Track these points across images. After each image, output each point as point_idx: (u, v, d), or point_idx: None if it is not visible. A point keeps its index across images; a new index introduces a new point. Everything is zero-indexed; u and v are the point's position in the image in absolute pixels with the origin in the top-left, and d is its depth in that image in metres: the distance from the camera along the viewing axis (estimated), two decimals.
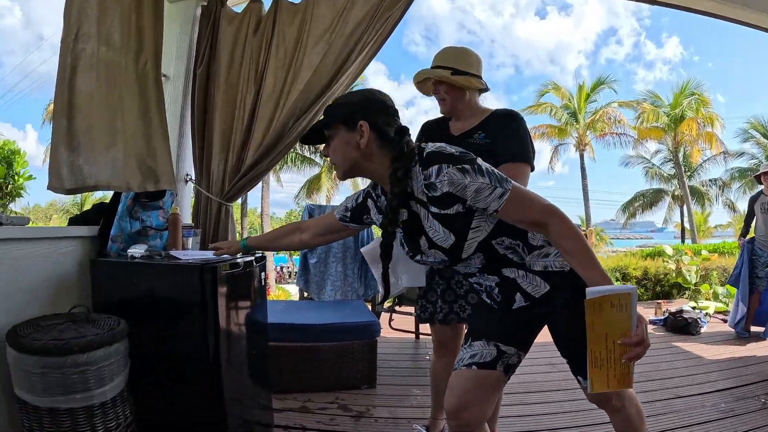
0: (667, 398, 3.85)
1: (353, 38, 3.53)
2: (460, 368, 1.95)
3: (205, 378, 2.40)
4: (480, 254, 1.83)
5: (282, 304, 5.16)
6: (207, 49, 3.71)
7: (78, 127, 2.57)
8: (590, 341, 1.54)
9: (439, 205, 1.71)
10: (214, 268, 2.37)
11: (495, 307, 1.98)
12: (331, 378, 3.91)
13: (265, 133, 3.58)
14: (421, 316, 2.79)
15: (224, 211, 3.64)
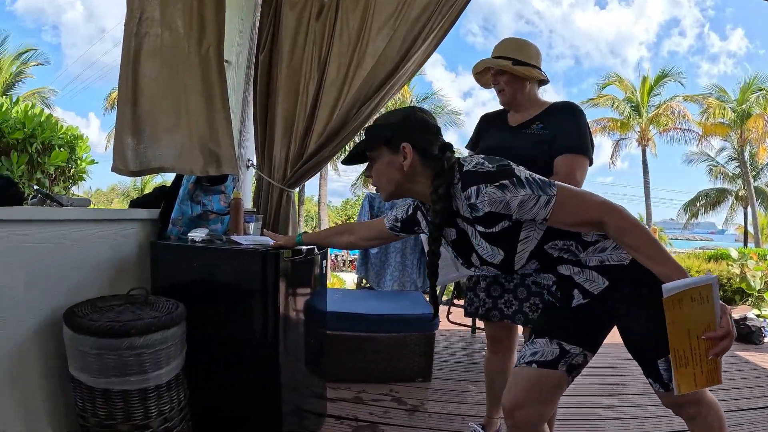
0: (727, 410, 3.62)
1: (418, 24, 3.45)
2: (520, 365, 1.87)
3: (262, 364, 2.38)
4: (534, 260, 1.80)
5: (340, 292, 5.13)
6: (269, 35, 3.69)
7: (141, 111, 2.58)
8: (672, 340, 1.49)
9: (483, 224, 1.70)
10: (276, 255, 2.34)
11: (558, 305, 1.92)
12: (386, 369, 3.88)
13: (328, 120, 3.55)
14: (468, 310, 2.76)
15: (285, 197, 3.63)
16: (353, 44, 3.59)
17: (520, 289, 2.55)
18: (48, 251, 2.17)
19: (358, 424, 3.18)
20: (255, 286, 2.34)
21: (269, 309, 2.34)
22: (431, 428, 3.18)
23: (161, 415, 2.11)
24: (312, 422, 2.99)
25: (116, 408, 2.01)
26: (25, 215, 2.06)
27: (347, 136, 3.57)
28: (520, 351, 1.93)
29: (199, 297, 2.45)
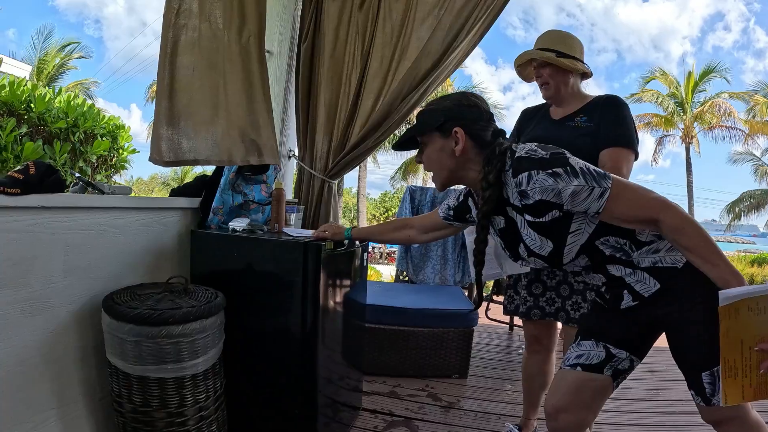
0: None
1: (463, 14, 3.38)
2: (564, 368, 1.84)
3: (300, 356, 2.38)
4: (584, 256, 1.73)
5: (378, 285, 5.12)
6: (311, 24, 3.67)
7: (179, 102, 2.58)
8: (723, 349, 1.40)
9: (533, 213, 1.64)
10: (318, 246, 2.34)
11: (606, 307, 1.85)
12: (422, 364, 3.86)
13: (371, 110, 3.53)
14: (507, 308, 2.73)
15: (327, 188, 3.62)
16: (396, 35, 3.55)
17: (563, 287, 2.52)
18: (89, 238, 2.18)
19: (392, 419, 3.17)
20: (295, 277, 2.33)
21: (309, 300, 2.33)
22: (466, 426, 3.15)
23: (197, 403, 2.11)
24: (347, 415, 2.98)
25: (152, 395, 2.03)
26: (66, 202, 2.07)
27: (390, 127, 3.53)
28: (567, 353, 1.89)
29: (238, 287, 2.45)
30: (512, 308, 2.69)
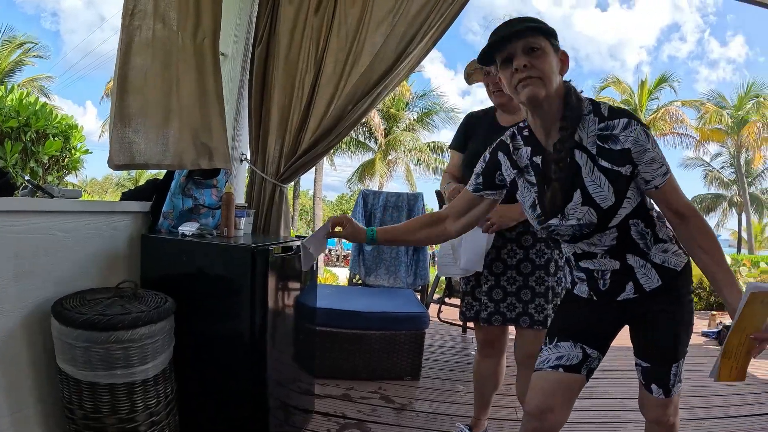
0: (715, 417, 3.71)
1: (417, 21, 3.42)
2: (545, 369, 1.88)
3: (250, 360, 2.39)
4: (615, 231, 1.75)
5: (331, 288, 5.15)
6: (266, 28, 3.66)
7: (132, 105, 2.56)
8: (733, 331, 1.55)
9: (611, 160, 1.64)
10: (265, 251, 2.35)
11: (591, 300, 1.90)
12: (375, 367, 3.89)
13: (324, 115, 3.53)
14: (466, 314, 2.73)
15: (278, 192, 3.60)
16: (351, 40, 3.56)
17: (523, 291, 2.55)
18: (38, 242, 2.16)
19: (345, 422, 3.18)
20: (243, 281, 2.34)
21: (257, 305, 2.34)
22: (418, 427, 3.18)
23: (147, 409, 2.11)
24: (299, 418, 2.99)
25: (102, 401, 2.01)
26: (15, 206, 2.05)
27: (341, 132, 3.55)
28: (542, 354, 1.93)
29: (188, 291, 2.44)
30: (471, 314, 2.70)
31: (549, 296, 2.53)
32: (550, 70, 1.63)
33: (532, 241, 2.55)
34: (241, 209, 2.88)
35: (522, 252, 2.56)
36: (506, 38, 1.63)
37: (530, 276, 2.55)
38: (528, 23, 1.64)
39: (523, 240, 2.55)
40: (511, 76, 1.65)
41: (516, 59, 1.63)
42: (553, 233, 1.82)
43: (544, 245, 2.56)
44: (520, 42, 1.62)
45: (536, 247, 2.55)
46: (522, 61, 1.61)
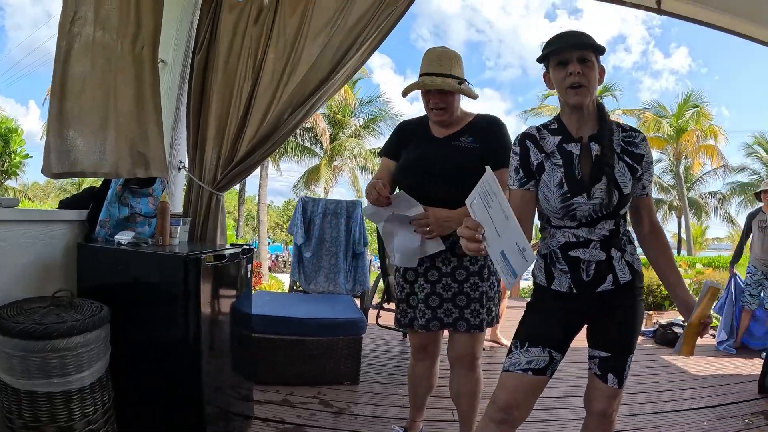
0: (650, 412, 3.87)
1: (354, 33, 3.51)
2: (515, 371, 2.03)
3: (185, 367, 2.41)
4: (613, 224, 2.04)
5: (270, 295, 5.19)
6: (207, 36, 3.67)
7: (69, 112, 2.55)
8: (697, 317, 1.95)
9: (632, 158, 2.04)
10: (197, 259, 2.38)
11: (570, 294, 2.07)
12: (314, 372, 3.93)
13: (260, 124, 3.55)
14: (401, 321, 2.77)
15: (215, 200, 3.60)
16: (288, 50, 3.60)
17: (459, 297, 2.61)
18: None
19: (284, 427, 3.22)
20: (177, 289, 2.37)
21: (191, 312, 2.37)
22: (356, 431, 3.24)
23: (85, 417, 2.12)
24: (238, 424, 3.02)
25: (41, 410, 2.02)
26: None
27: (278, 140, 3.59)
28: (513, 357, 2.07)
29: (124, 300, 2.45)
30: (406, 321, 2.74)
31: (483, 300, 2.61)
32: (594, 81, 1.97)
33: None
34: (176, 218, 2.89)
35: (456, 260, 2.61)
36: (568, 46, 1.95)
37: (465, 282, 2.61)
38: (585, 38, 1.97)
39: (457, 248, 2.59)
40: (564, 77, 1.96)
41: (572, 65, 1.94)
42: (572, 210, 2.01)
43: None
44: (577, 52, 1.94)
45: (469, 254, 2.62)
46: (577, 68, 1.93)
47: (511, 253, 1.56)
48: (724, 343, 6.36)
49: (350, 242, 5.96)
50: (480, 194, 1.69)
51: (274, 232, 48.87)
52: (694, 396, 4.35)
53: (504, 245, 1.58)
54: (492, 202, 1.62)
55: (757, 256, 6.18)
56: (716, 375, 5.12)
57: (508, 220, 1.57)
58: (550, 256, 2.10)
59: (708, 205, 34.41)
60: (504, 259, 1.58)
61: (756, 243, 6.22)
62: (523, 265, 1.53)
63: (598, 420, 2.16)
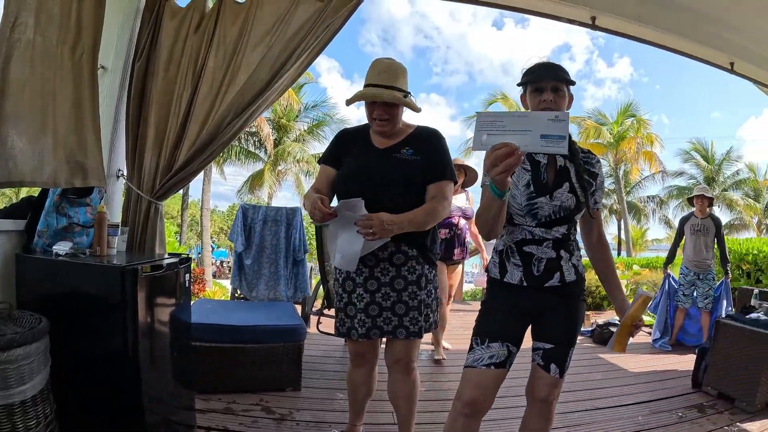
0: (585, 409, 4.02)
1: (292, 43, 3.56)
2: (479, 367, 2.25)
3: (124, 377, 2.40)
4: (566, 228, 2.33)
5: (211, 303, 5.15)
6: (147, 42, 3.65)
7: (7, 121, 2.52)
8: (629, 318, 2.31)
9: (589, 175, 2.36)
10: (134, 270, 2.37)
11: (521, 287, 2.32)
12: (256, 379, 3.93)
13: (199, 132, 3.56)
14: (340, 330, 2.80)
15: (154, 209, 3.59)
16: (228, 58, 3.62)
17: (398, 306, 2.66)
18: None
19: None
20: (114, 300, 2.35)
21: (129, 322, 2.36)
22: None
23: (28, 430, 2.09)
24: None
25: None
26: None
27: (216, 149, 3.60)
28: (475, 353, 2.29)
29: (63, 311, 2.42)
30: (344, 330, 2.75)
31: (421, 308, 2.67)
32: (563, 108, 2.25)
33: (404, 259, 2.66)
34: (113, 227, 2.87)
35: (394, 269, 2.66)
36: (544, 77, 2.25)
37: (403, 291, 2.66)
38: (560, 72, 2.25)
39: (395, 258, 2.65)
40: (539, 102, 2.25)
41: (546, 93, 2.24)
42: (534, 209, 2.27)
43: (415, 262, 2.68)
44: (551, 83, 2.24)
45: (408, 264, 2.67)
46: (549, 96, 2.23)
47: (548, 128, 1.77)
48: (660, 340, 6.68)
49: (290, 249, 6.03)
50: (487, 130, 1.84)
51: (219, 238, 48.26)
52: (630, 392, 4.53)
53: (537, 132, 1.78)
54: (504, 121, 1.82)
55: (689, 257, 6.53)
56: (651, 371, 5.34)
57: (527, 116, 1.84)
58: (506, 251, 2.36)
59: (647, 209, 35.54)
60: (546, 137, 1.77)
61: (688, 245, 6.56)
62: (564, 127, 1.75)
63: (540, 406, 2.39)
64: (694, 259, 6.47)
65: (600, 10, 4.61)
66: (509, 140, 1.78)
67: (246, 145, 27.12)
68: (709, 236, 6.43)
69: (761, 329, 4.28)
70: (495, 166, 1.79)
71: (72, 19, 2.80)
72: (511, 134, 1.79)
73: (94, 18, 2.93)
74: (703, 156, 34.30)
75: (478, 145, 1.84)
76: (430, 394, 4.18)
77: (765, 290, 5.11)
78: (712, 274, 6.50)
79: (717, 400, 4.40)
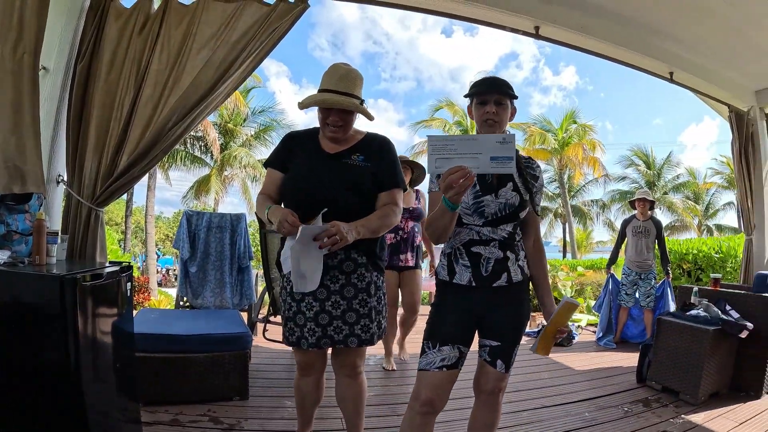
0: (534, 408, 4.09)
1: (238, 46, 3.56)
2: (432, 370, 2.36)
3: (66, 390, 2.33)
4: (511, 227, 2.44)
5: (155, 312, 5.08)
6: (90, 43, 3.57)
7: None
8: (553, 324, 2.41)
9: (530, 177, 2.50)
10: (74, 279, 2.31)
11: (469, 288, 2.41)
12: (203, 389, 3.85)
13: (142, 136, 3.50)
14: (289, 339, 2.74)
15: (94, 216, 3.50)
16: (172, 63, 3.57)
17: (348, 314, 2.64)
18: None
19: None
20: (54, 311, 2.28)
21: (69, 334, 2.29)
22: None
23: None
24: None
25: None
26: None
27: (158, 154, 3.56)
28: (427, 357, 2.40)
29: (3, 323, 2.35)
30: (294, 340, 2.70)
31: (372, 315, 2.66)
32: (505, 118, 2.41)
33: (353, 267, 2.64)
34: (53, 235, 2.79)
35: (344, 277, 2.64)
36: (489, 91, 2.40)
37: (354, 299, 2.64)
38: (504, 87, 2.42)
39: (345, 266, 2.63)
40: (483, 113, 2.39)
41: (489, 105, 2.38)
42: (481, 207, 2.39)
43: (364, 269, 2.67)
44: (495, 96, 2.39)
45: (357, 272, 2.65)
46: (492, 108, 2.38)
47: (496, 150, 2.00)
48: (604, 339, 6.94)
49: (235, 256, 6.01)
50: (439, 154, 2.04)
51: (165, 245, 47.51)
52: (577, 389, 4.65)
53: (487, 155, 2.01)
54: (455, 145, 2.04)
55: (631, 258, 6.81)
56: (597, 369, 5.51)
57: (475, 139, 2.05)
58: (454, 253, 2.45)
59: (591, 212, 36.41)
60: (495, 159, 2.01)
61: (630, 246, 6.83)
62: (511, 149, 2.00)
63: (487, 399, 2.54)
64: (636, 260, 6.73)
65: (544, 20, 4.79)
66: (462, 163, 2.00)
67: (192, 150, 26.81)
68: (650, 237, 6.69)
69: (701, 325, 4.50)
70: (451, 188, 1.98)
71: (14, 18, 2.74)
72: (462, 157, 2.01)
73: (37, 17, 2.87)
74: (645, 161, 35.48)
75: (433, 169, 2.05)
76: (379, 399, 4.16)
77: (704, 288, 5.28)
78: (654, 273, 6.73)
79: (661, 394, 4.60)
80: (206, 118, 3.60)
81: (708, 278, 6.41)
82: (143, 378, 3.56)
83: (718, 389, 4.58)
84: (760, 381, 4.61)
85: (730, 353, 4.67)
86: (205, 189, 27.30)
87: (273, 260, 5.07)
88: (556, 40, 5.12)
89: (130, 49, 3.61)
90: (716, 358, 4.47)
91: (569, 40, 5.13)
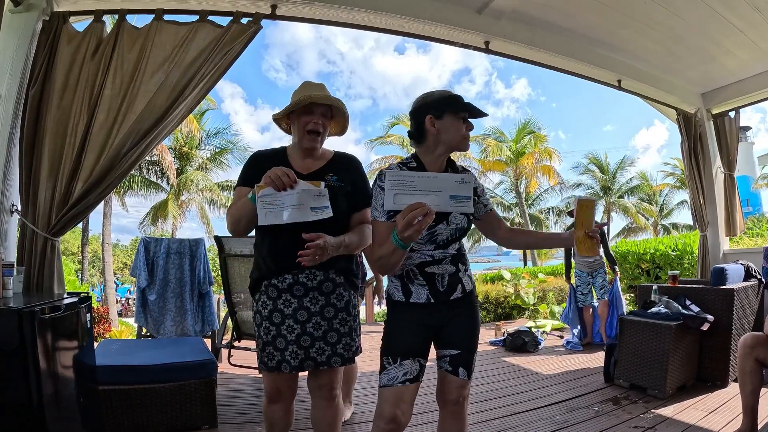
0: (504, 415, 4.10)
1: (191, 69, 3.54)
2: (395, 385, 2.35)
3: (31, 427, 2.26)
4: (459, 244, 2.51)
5: (117, 343, 4.97)
6: (42, 68, 3.50)
7: None
8: (578, 226, 2.37)
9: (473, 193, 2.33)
10: (32, 312, 2.25)
11: (428, 304, 2.42)
12: (170, 420, 3.75)
13: (96, 162, 3.45)
14: (268, 365, 2.61)
15: (50, 246, 3.41)
16: (126, 86, 3.53)
17: (330, 334, 2.59)
18: None
19: None
20: (13, 346, 2.22)
21: (30, 369, 2.24)
22: None
23: None
24: None
25: None
26: None
27: (113, 181, 3.51)
28: (389, 372, 2.38)
29: None
30: (274, 365, 2.60)
31: (353, 334, 2.66)
32: None
33: (332, 287, 2.61)
34: (8, 267, 2.70)
35: (324, 298, 2.60)
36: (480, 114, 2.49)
37: (334, 319, 2.60)
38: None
39: (324, 287, 2.59)
40: (464, 131, 2.44)
41: (469, 125, 2.46)
42: (435, 236, 2.40)
43: (342, 288, 2.64)
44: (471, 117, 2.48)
45: (336, 292, 2.62)
46: (471, 127, 2.47)
47: (455, 189, 2.06)
48: (571, 342, 7.13)
49: (195, 282, 5.93)
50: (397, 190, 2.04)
51: (123, 273, 46.68)
52: (546, 393, 4.72)
53: (447, 193, 2.05)
54: (414, 181, 2.05)
55: (581, 261, 7.13)
56: (565, 372, 5.60)
57: (435, 177, 2.10)
58: (407, 274, 2.43)
59: (548, 220, 36.94)
60: (455, 197, 2.06)
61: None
62: (470, 188, 2.09)
63: (453, 409, 2.52)
64: (584, 260, 7.06)
65: (493, 35, 4.95)
66: (421, 200, 2.00)
67: (148, 175, 26.50)
68: None
69: (662, 321, 4.66)
70: (410, 226, 1.97)
71: None
72: (422, 194, 2.04)
73: None
74: (599, 167, 36.43)
75: (391, 205, 2.04)
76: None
77: (664, 285, 5.41)
78: (604, 269, 7.09)
79: (630, 391, 4.75)
80: (161, 142, 3.54)
81: (666, 276, 6.55)
82: (109, 411, 3.47)
83: (684, 382, 4.74)
84: (725, 370, 4.80)
85: (694, 346, 4.88)
86: (162, 214, 26.94)
87: (234, 284, 5.05)
88: (506, 54, 5.28)
89: (83, 73, 3.55)
90: (680, 352, 4.67)
91: (519, 54, 5.29)
